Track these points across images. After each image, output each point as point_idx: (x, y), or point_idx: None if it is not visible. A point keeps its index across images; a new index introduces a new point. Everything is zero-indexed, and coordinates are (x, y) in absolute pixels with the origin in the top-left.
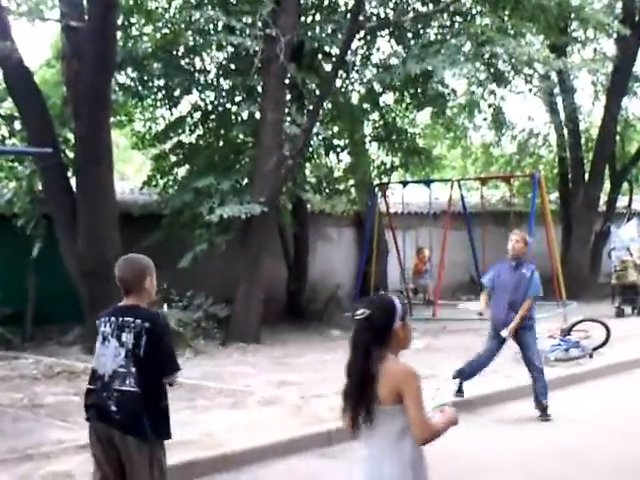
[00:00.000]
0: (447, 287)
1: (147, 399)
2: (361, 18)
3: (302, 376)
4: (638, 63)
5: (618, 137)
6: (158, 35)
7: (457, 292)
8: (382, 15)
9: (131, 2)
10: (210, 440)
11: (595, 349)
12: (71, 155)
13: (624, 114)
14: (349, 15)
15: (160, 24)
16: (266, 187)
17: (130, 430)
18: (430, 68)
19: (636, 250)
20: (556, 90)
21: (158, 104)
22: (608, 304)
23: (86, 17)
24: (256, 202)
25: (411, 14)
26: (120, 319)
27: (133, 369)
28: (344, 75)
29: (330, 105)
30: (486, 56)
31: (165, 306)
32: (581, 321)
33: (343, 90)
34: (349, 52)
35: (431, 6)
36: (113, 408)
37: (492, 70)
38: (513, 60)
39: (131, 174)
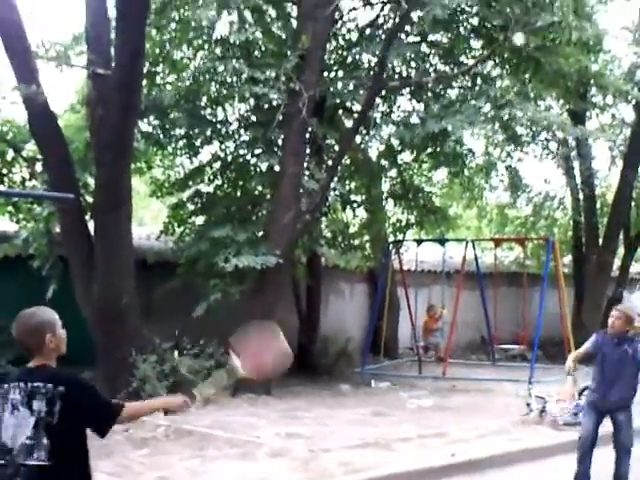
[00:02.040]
0: (457, 346)
1: (59, 474)
2: (384, 76)
3: (311, 429)
4: None
5: (633, 203)
6: (181, 85)
7: (467, 351)
8: (404, 74)
9: (157, 51)
10: None
11: None
12: (89, 199)
13: None
14: (371, 72)
15: (184, 74)
16: (282, 240)
17: None
18: (449, 128)
19: None
20: (573, 154)
21: (178, 152)
22: None
23: (113, 65)
24: (272, 254)
25: (432, 74)
26: (29, 385)
27: (45, 440)
28: (364, 132)
29: (348, 161)
30: (505, 118)
31: (176, 354)
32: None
33: (362, 146)
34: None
35: (452, 66)
36: None
37: (510, 132)
38: (531, 124)
39: (148, 220)
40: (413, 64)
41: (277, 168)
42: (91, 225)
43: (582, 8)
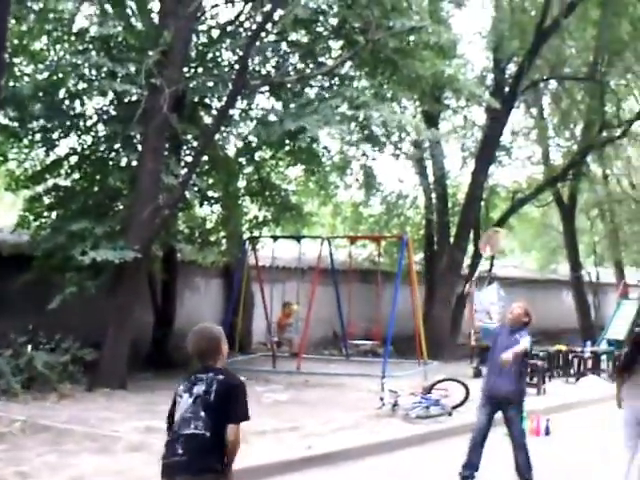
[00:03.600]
0: (310, 341)
1: (212, 441)
2: (246, 74)
3: None
4: (505, 133)
5: (483, 203)
6: (40, 76)
7: (320, 346)
8: (264, 72)
9: (15, 42)
10: None
11: (455, 408)
12: None
13: (490, 181)
14: (232, 69)
15: (43, 66)
16: (140, 235)
17: (197, 470)
18: (306, 126)
19: (495, 313)
20: (426, 154)
21: (35, 145)
22: (467, 364)
23: None
24: (130, 249)
25: (292, 73)
26: (193, 377)
27: (202, 413)
28: (223, 129)
29: (206, 157)
30: (361, 118)
31: (29, 348)
32: (442, 380)
33: (220, 143)
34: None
35: (311, 66)
36: (179, 450)
37: (365, 132)
38: (385, 125)
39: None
40: (273, 63)
41: (135, 163)
42: None
43: (438, 12)
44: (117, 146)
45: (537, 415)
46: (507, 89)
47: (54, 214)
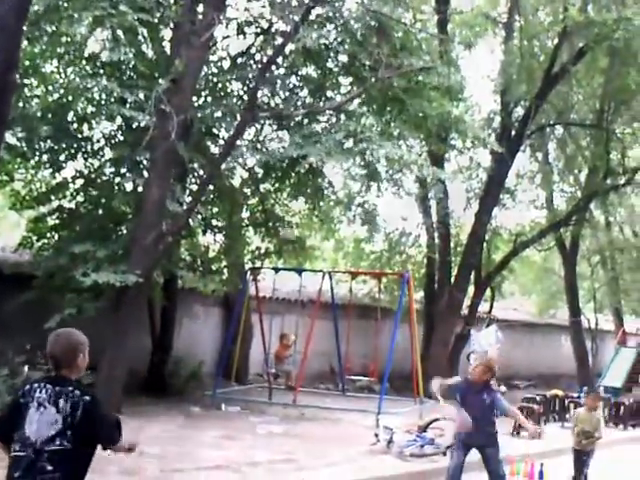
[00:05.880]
0: (307, 375)
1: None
2: (255, 107)
3: (162, 449)
4: (510, 176)
5: (485, 245)
6: (49, 98)
7: (316, 380)
8: (272, 104)
9: (27, 63)
10: None
11: (449, 447)
12: None
13: (493, 223)
14: (240, 100)
15: (53, 88)
16: (143, 261)
17: None
18: (307, 154)
19: (494, 355)
20: (430, 194)
21: (42, 166)
22: None
23: None
24: (131, 273)
25: (301, 107)
26: (57, 387)
27: (68, 432)
28: (229, 159)
29: (212, 186)
30: (364, 153)
31: (26, 368)
32: (437, 419)
33: (226, 173)
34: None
35: (320, 100)
36: (49, 467)
37: (371, 168)
38: (388, 161)
39: (3, 231)
40: (282, 96)
41: (140, 188)
42: None
43: (448, 54)
44: (123, 170)
45: (531, 459)
46: (513, 132)
47: (57, 235)
